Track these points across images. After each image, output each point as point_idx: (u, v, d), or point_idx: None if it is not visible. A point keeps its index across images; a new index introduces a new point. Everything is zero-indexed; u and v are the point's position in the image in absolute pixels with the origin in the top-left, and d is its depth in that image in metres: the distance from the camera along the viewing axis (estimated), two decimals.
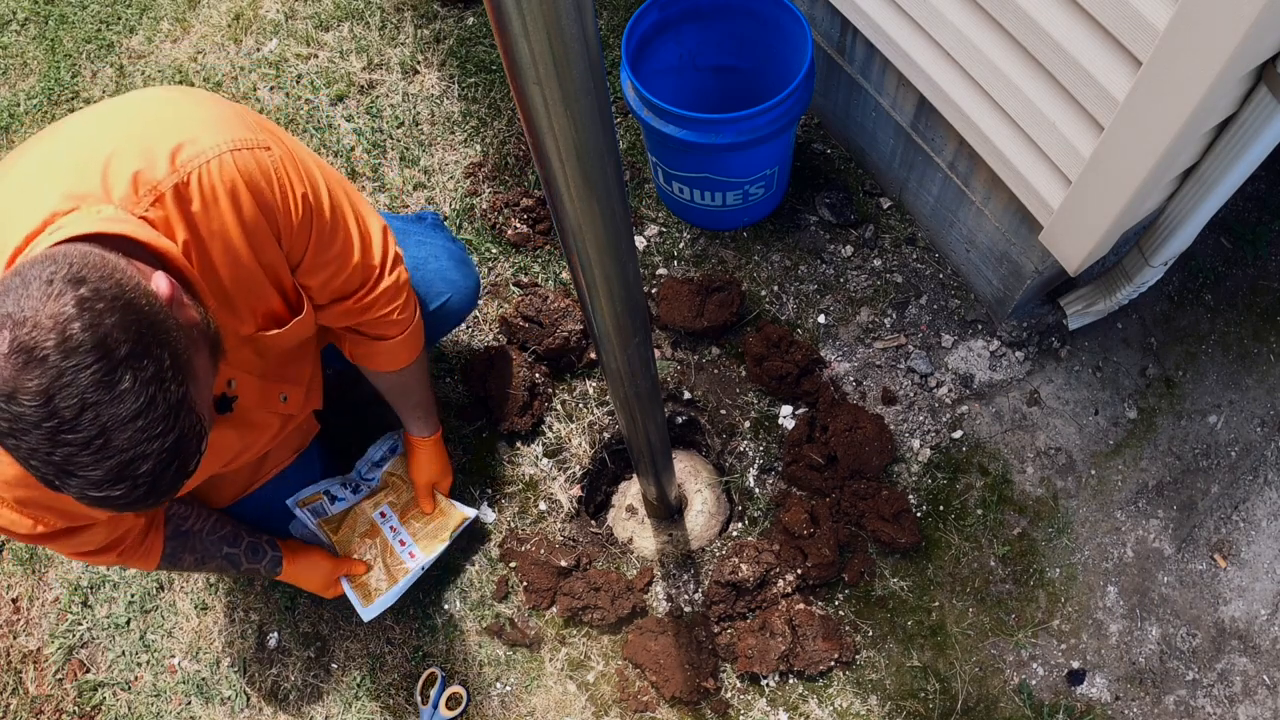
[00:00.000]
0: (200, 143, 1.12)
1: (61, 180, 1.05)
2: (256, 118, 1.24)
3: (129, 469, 0.93)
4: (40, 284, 0.89)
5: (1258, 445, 1.97)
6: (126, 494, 0.94)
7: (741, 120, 1.84)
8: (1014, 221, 1.84)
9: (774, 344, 2.04)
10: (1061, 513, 1.93)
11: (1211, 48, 1.17)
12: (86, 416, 0.89)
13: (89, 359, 0.88)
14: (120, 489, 0.93)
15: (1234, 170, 1.47)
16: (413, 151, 2.42)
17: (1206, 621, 1.85)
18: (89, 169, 1.06)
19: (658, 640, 1.83)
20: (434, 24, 2.62)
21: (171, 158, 1.10)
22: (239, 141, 1.15)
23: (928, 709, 1.79)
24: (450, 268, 1.75)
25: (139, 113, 1.15)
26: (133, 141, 1.09)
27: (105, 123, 1.14)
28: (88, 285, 0.90)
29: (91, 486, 0.92)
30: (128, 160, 1.08)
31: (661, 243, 2.26)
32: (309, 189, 1.25)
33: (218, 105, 1.19)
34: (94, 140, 1.10)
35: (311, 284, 1.36)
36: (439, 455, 1.90)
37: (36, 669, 1.97)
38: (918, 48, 1.76)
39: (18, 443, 0.89)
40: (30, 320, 0.87)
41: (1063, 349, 2.07)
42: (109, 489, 0.93)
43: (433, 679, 1.85)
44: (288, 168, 1.22)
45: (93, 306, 0.89)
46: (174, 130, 1.12)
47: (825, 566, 1.84)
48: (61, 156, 1.09)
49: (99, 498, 0.94)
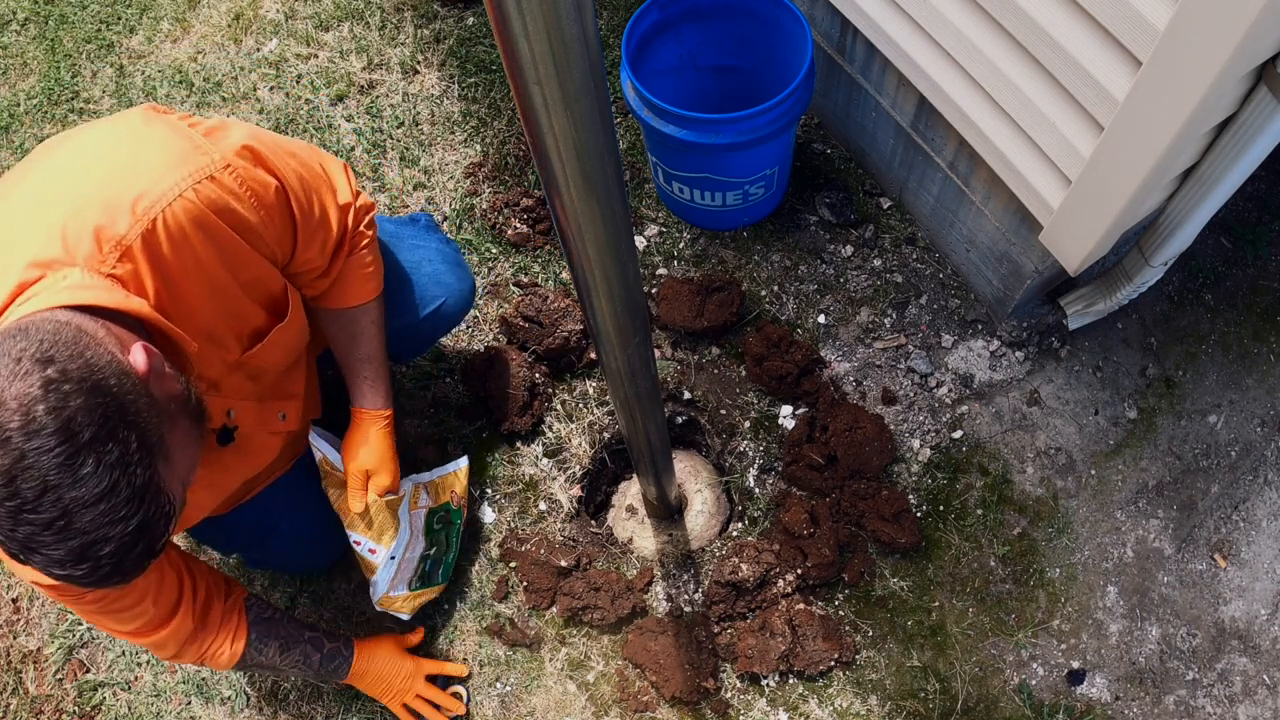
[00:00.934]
0: (159, 186, 1.10)
1: (24, 248, 1.03)
2: (206, 125, 1.21)
3: (90, 550, 0.93)
4: (9, 362, 0.89)
5: (1258, 445, 1.97)
6: (89, 573, 0.95)
7: (741, 120, 1.84)
8: (1014, 221, 1.84)
9: (774, 344, 2.04)
10: (1061, 513, 1.93)
11: (1211, 48, 1.17)
12: (48, 499, 0.89)
13: (51, 441, 0.88)
14: (82, 569, 0.94)
15: (1234, 170, 1.47)
16: (413, 151, 2.42)
17: (1206, 621, 1.85)
18: (50, 233, 1.04)
19: (658, 640, 1.83)
20: (434, 24, 2.62)
21: (132, 208, 1.08)
22: (196, 173, 1.13)
23: (928, 709, 1.79)
24: (445, 271, 1.74)
25: (92, 163, 1.12)
26: (90, 197, 1.07)
27: (60, 179, 1.11)
28: (55, 365, 0.90)
29: (54, 565, 0.93)
30: (87, 217, 1.06)
31: (661, 243, 2.26)
32: (278, 177, 1.23)
33: (168, 136, 1.15)
34: (51, 199, 1.08)
35: (309, 255, 1.35)
36: (381, 439, 1.61)
37: (36, 669, 1.97)
38: (918, 48, 1.76)
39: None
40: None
41: (1063, 349, 2.07)
42: (71, 568, 0.93)
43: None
44: (251, 171, 1.19)
45: (59, 388, 0.89)
46: (130, 179, 1.10)
47: (825, 566, 1.84)
48: (20, 221, 1.07)
49: (62, 575, 0.94)
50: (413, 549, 1.77)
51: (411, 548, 1.76)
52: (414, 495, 1.78)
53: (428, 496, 1.82)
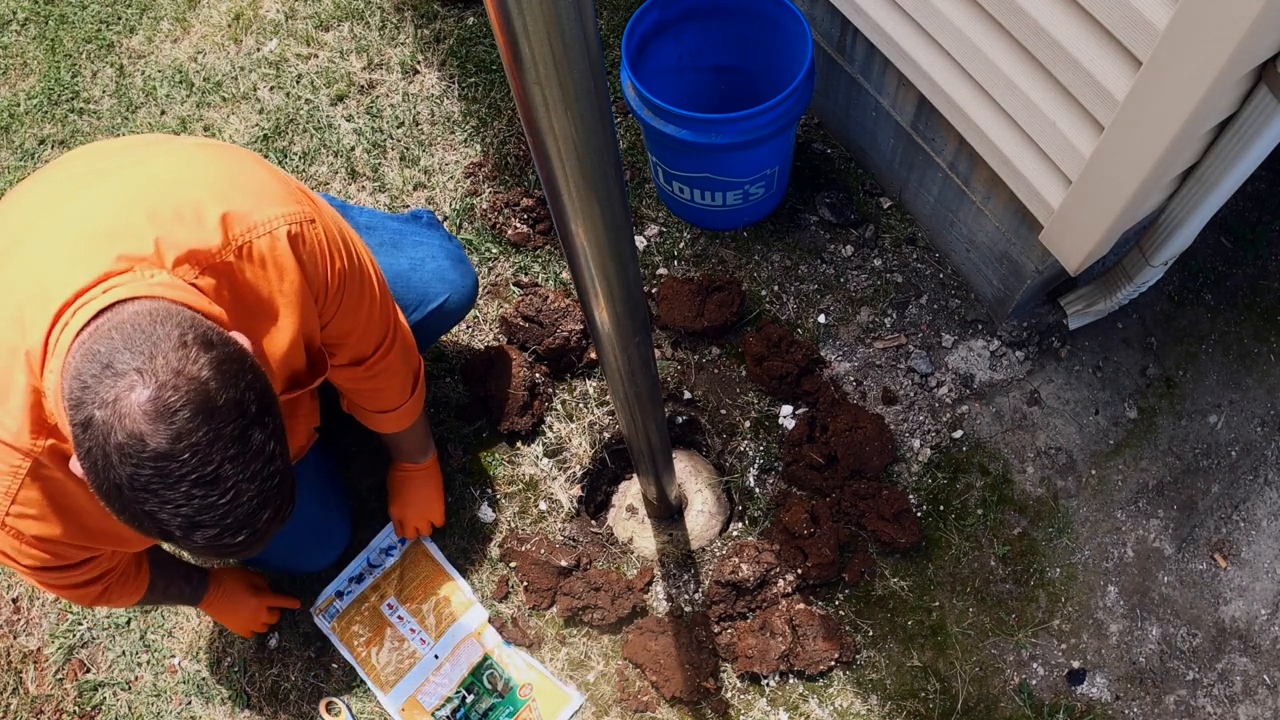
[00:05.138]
0: (255, 215, 1.15)
1: (115, 239, 1.06)
2: (296, 183, 1.27)
3: (252, 518, 0.98)
4: (174, 344, 0.93)
5: (1258, 445, 1.97)
6: (245, 540, 0.99)
7: (741, 120, 1.84)
8: (1014, 221, 1.84)
9: (774, 344, 2.04)
10: (1062, 512, 1.93)
11: (1211, 47, 1.17)
12: (226, 470, 0.94)
13: (230, 415, 0.94)
14: (243, 535, 0.98)
15: (1234, 170, 1.47)
16: (413, 151, 2.42)
17: (1207, 621, 1.84)
18: (141, 232, 1.07)
19: (658, 640, 1.83)
20: (434, 24, 2.62)
21: (224, 227, 1.12)
22: (291, 216, 1.19)
23: (928, 709, 1.79)
24: (448, 267, 1.75)
25: (190, 170, 1.16)
26: (184, 204, 1.11)
27: (155, 176, 1.14)
28: (216, 348, 0.95)
29: (221, 535, 0.97)
30: (180, 225, 1.10)
31: (661, 243, 2.26)
32: (344, 259, 1.29)
33: (265, 171, 1.22)
34: (144, 196, 1.11)
35: (336, 345, 1.39)
36: (428, 481, 1.91)
37: (37, 669, 1.97)
38: (918, 47, 1.76)
39: (151, 496, 0.92)
40: (170, 382, 0.91)
41: (1063, 349, 2.07)
42: (230, 537, 0.97)
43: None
44: (328, 239, 1.25)
45: (226, 368, 0.95)
46: (224, 195, 1.14)
47: (825, 566, 1.84)
48: (109, 210, 1.09)
49: (218, 546, 0.98)
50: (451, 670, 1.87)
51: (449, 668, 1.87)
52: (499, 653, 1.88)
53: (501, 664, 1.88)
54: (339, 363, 1.45)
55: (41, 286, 1.02)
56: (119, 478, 0.90)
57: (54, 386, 0.98)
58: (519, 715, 1.81)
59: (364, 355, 1.46)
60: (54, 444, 1.08)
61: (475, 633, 1.88)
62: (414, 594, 1.92)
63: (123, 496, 0.92)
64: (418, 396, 1.67)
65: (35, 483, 1.10)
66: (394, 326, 1.50)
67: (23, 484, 1.10)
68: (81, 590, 1.37)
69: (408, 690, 1.84)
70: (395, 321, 1.51)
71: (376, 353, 1.48)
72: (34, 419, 1.06)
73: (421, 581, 1.93)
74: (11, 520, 1.13)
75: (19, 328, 1.02)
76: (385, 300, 1.45)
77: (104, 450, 0.90)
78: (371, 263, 1.42)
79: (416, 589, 1.92)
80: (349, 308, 1.34)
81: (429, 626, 1.89)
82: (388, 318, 1.47)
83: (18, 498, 1.11)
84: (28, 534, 1.15)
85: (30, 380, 1.03)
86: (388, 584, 1.93)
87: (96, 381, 0.90)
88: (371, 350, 1.47)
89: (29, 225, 1.10)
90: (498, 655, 1.86)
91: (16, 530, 1.14)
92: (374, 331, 1.45)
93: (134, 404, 0.89)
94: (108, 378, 0.90)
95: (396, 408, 1.64)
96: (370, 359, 1.47)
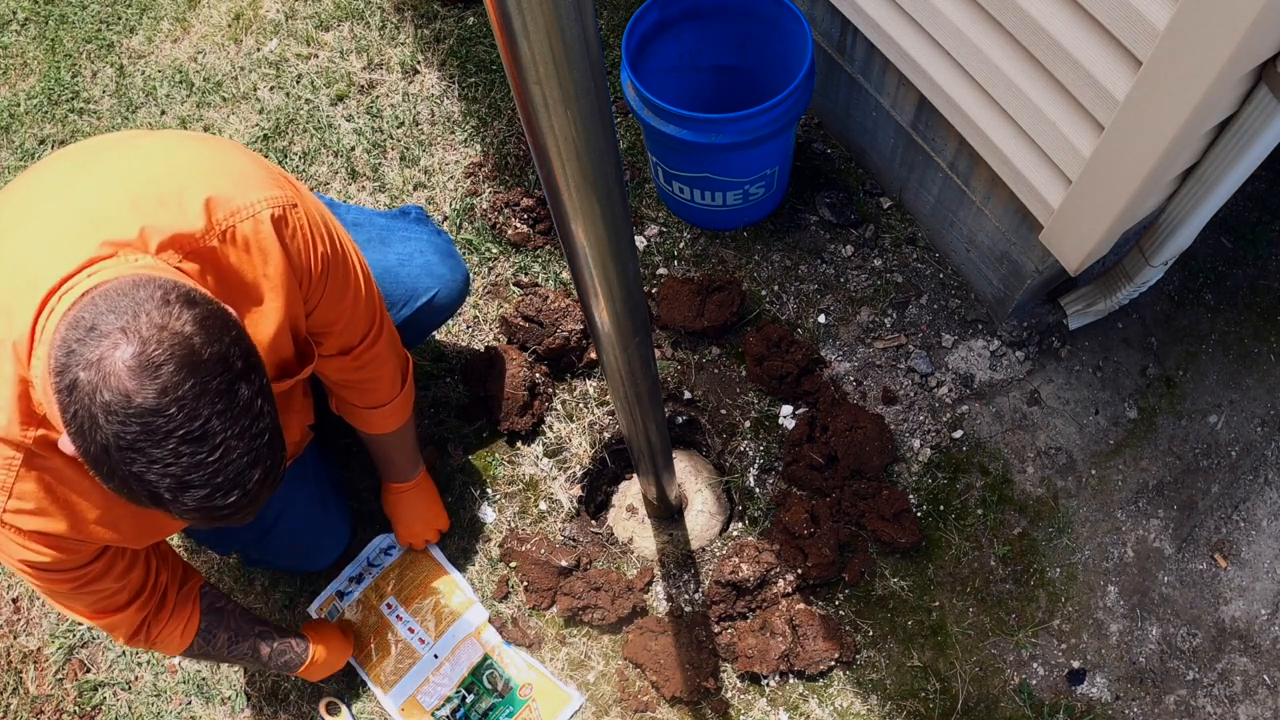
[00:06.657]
0: (238, 199, 1.15)
1: (99, 225, 1.06)
2: (277, 169, 1.27)
3: (242, 476, 0.98)
4: (157, 302, 0.92)
5: (1258, 445, 1.97)
6: (236, 502, 0.98)
7: (741, 120, 1.84)
8: (1014, 221, 1.84)
9: (774, 344, 2.04)
10: (1062, 512, 1.93)
11: (1211, 47, 1.17)
12: (213, 426, 0.93)
13: (216, 370, 0.93)
14: (234, 495, 0.98)
15: (1234, 170, 1.47)
16: (413, 151, 2.42)
17: (1207, 621, 1.84)
18: (125, 218, 1.07)
19: (658, 640, 1.83)
20: (434, 24, 2.62)
21: (207, 211, 1.12)
22: (274, 200, 1.19)
23: (928, 709, 1.79)
24: (436, 262, 1.74)
25: (172, 158, 1.16)
26: (167, 190, 1.11)
27: (137, 165, 1.14)
28: (199, 306, 0.95)
29: (211, 495, 0.96)
30: (164, 211, 1.09)
31: (661, 243, 2.26)
32: (327, 244, 1.29)
33: (246, 157, 1.22)
34: (127, 185, 1.11)
35: (323, 332, 1.38)
36: (425, 493, 1.90)
37: (37, 669, 1.97)
38: (918, 47, 1.76)
39: (139, 456, 0.91)
40: (154, 338, 0.90)
41: (1063, 349, 2.07)
42: (221, 497, 0.97)
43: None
44: (310, 224, 1.25)
45: (211, 324, 0.95)
46: (207, 180, 1.14)
47: (825, 566, 1.84)
48: (93, 200, 1.09)
49: (208, 508, 0.97)
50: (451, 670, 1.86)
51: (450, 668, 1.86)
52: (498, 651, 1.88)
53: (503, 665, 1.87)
54: (327, 353, 1.43)
55: (27, 277, 1.02)
56: (105, 438, 0.90)
57: (41, 372, 0.97)
58: (519, 715, 1.81)
59: (351, 344, 1.45)
60: (44, 434, 1.07)
61: (475, 632, 1.88)
62: (414, 594, 1.92)
63: (110, 458, 0.91)
64: (407, 391, 1.65)
65: (30, 474, 1.10)
66: (380, 315, 1.49)
67: (18, 476, 1.09)
68: (114, 616, 1.36)
69: (408, 690, 1.84)
70: (382, 311, 1.50)
71: (364, 341, 1.46)
72: (23, 410, 1.05)
73: (421, 581, 1.93)
74: (9, 516, 1.12)
75: (5, 319, 1.02)
76: (370, 289, 1.44)
77: (90, 411, 0.89)
78: (355, 251, 1.42)
79: (416, 589, 1.92)
80: (333, 294, 1.34)
81: (429, 626, 1.89)
82: (373, 306, 1.46)
83: (14, 491, 1.10)
84: (26, 529, 1.14)
85: (18, 370, 1.03)
86: (387, 584, 1.93)
87: (81, 344, 0.90)
88: (359, 339, 1.45)
89: (12, 222, 1.10)
90: (498, 655, 1.86)
91: (15, 526, 1.14)
92: (360, 319, 1.43)
93: (118, 361, 0.89)
94: (92, 339, 0.90)
95: (387, 403, 1.62)
96: (358, 348, 1.46)
